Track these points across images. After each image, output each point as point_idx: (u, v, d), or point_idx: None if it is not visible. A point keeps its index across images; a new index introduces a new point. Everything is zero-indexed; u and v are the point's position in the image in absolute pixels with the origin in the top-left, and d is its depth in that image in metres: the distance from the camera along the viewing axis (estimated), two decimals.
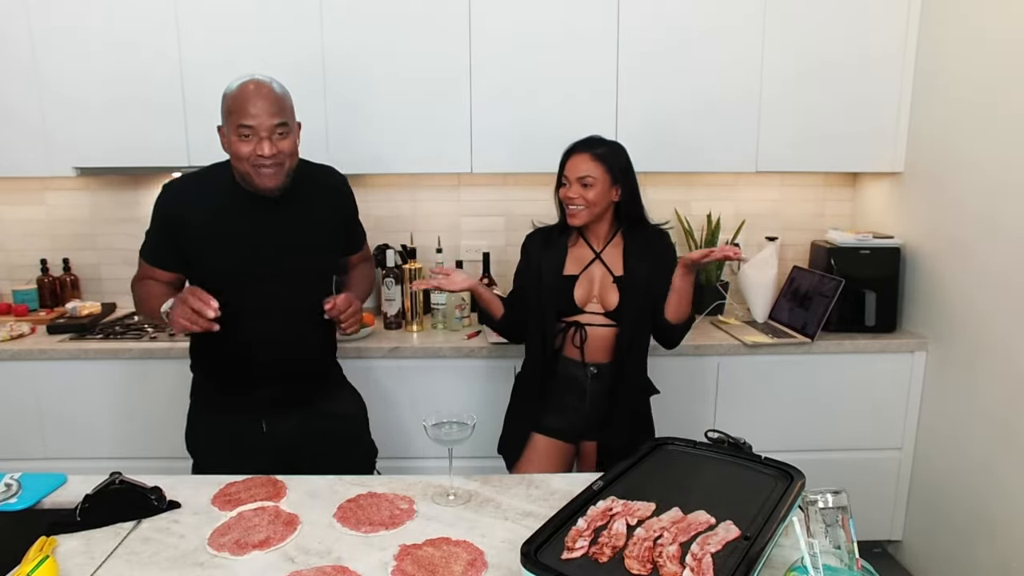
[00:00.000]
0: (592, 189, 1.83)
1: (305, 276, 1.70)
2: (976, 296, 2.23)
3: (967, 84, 2.25)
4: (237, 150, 1.58)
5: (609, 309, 1.89)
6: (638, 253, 1.90)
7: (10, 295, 2.80)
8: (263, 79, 1.60)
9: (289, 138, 1.61)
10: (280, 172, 1.60)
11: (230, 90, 1.60)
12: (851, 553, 1.07)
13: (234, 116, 1.56)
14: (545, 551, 1.09)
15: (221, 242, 1.65)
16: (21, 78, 2.43)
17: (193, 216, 1.65)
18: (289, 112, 1.62)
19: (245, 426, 1.75)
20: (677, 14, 2.44)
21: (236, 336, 1.64)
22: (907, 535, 2.58)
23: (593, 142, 1.88)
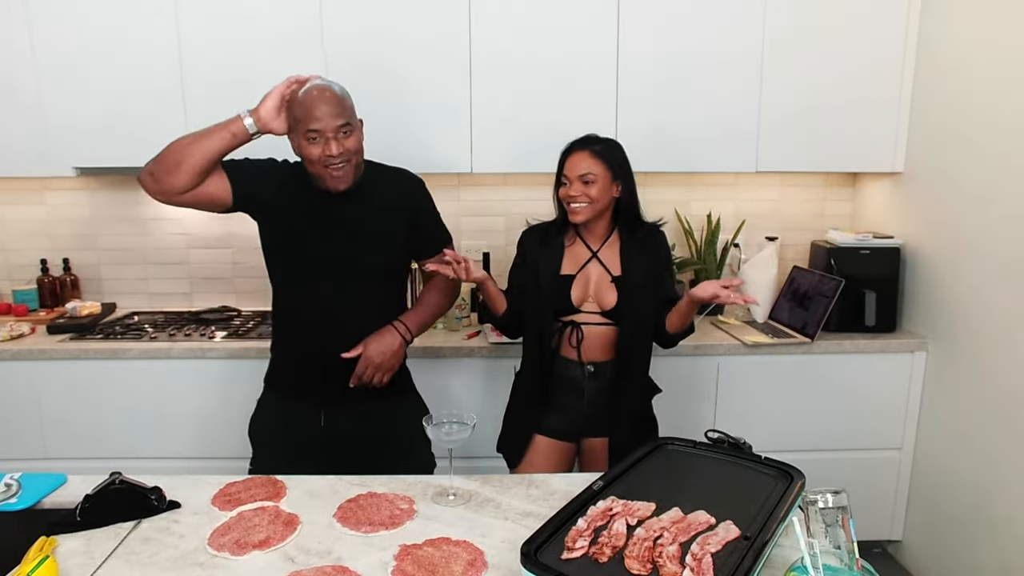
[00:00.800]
0: (594, 186, 1.83)
1: (365, 273, 1.76)
2: (976, 296, 2.23)
3: (967, 84, 2.25)
4: (308, 153, 1.65)
5: (606, 309, 1.89)
6: (635, 252, 1.90)
7: (10, 295, 2.80)
8: (323, 84, 1.66)
9: (353, 136, 1.68)
10: (349, 169, 1.68)
11: (295, 97, 1.65)
12: (851, 553, 1.07)
13: (302, 123, 1.63)
14: (545, 551, 1.09)
15: (289, 230, 1.73)
16: (21, 78, 2.43)
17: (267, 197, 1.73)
18: (350, 111, 1.69)
19: (305, 417, 1.80)
20: (677, 13, 2.45)
21: (302, 324, 1.77)
22: (907, 535, 2.58)
23: (591, 139, 1.88)
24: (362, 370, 1.74)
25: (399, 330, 1.79)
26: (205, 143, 1.59)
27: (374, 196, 1.79)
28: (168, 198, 1.63)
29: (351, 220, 1.75)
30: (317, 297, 1.75)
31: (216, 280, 2.91)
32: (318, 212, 1.73)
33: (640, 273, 1.88)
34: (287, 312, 1.82)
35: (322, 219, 1.73)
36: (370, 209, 1.77)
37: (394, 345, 1.77)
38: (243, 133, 1.60)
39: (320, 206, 1.73)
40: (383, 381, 1.78)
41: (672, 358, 2.42)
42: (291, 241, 1.74)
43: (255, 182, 1.71)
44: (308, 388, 1.79)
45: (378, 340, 1.75)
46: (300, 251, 1.74)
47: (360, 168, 1.75)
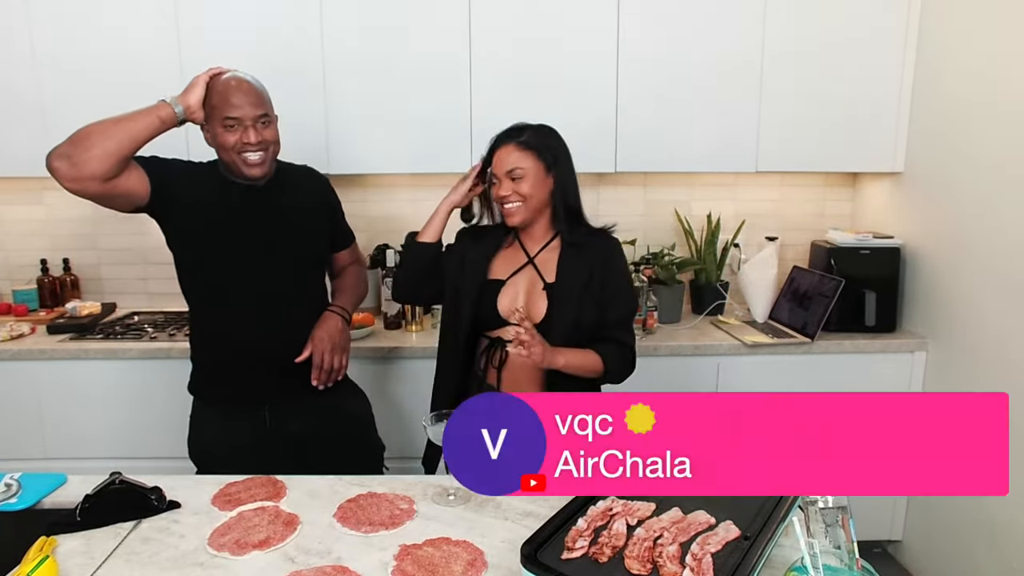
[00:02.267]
0: (524, 181, 1.63)
1: (295, 262, 1.76)
2: (976, 296, 2.23)
3: (967, 84, 2.25)
4: (224, 141, 1.64)
5: (535, 321, 1.62)
6: (575, 258, 1.67)
7: (10, 295, 2.80)
8: (241, 75, 1.67)
9: (271, 127, 1.69)
10: (265, 158, 1.68)
11: (211, 84, 1.65)
12: (851, 553, 1.07)
13: (218, 110, 1.63)
14: (545, 551, 1.09)
15: (210, 225, 1.70)
16: (21, 78, 2.43)
17: (184, 193, 1.68)
18: (268, 104, 1.70)
19: (248, 421, 1.77)
20: (677, 13, 2.44)
21: (232, 321, 1.73)
22: (907, 535, 2.58)
23: (518, 129, 1.69)
24: (319, 359, 1.72)
25: (336, 311, 1.80)
26: (130, 126, 1.53)
27: (292, 190, 1.79)
28: (83, 185, 1.53)
29: (276, 213, 1.74)
30: (247, 294, 1.72)
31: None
32: (240, 207, 1.71)
33: (576, 282, 1.64)
34: (214, 314, 1.76)
35: (246, 213, 1.71)
36: (291, 202, 1.77)
37: (338, 324, 1.78)
38: (171, 119, 1.59)
39: (242, 201, 1.71)
40: (343, 364, 1.77)
41: (672, 358, 2.42)
42: (214, 238, 1.70)
43: (172, 178, 1.67)
44: (248, 390, 1.75)
45: (321, 326, 1.76)
46: (226, 248, 1.70)
47: (275, 160, 1.74)
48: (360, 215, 2.14)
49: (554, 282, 1.66)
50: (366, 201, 2.84)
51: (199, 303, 1.79)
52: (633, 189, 2.89)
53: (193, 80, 1.64)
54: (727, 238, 2.85)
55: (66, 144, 1.53)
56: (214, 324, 1.77)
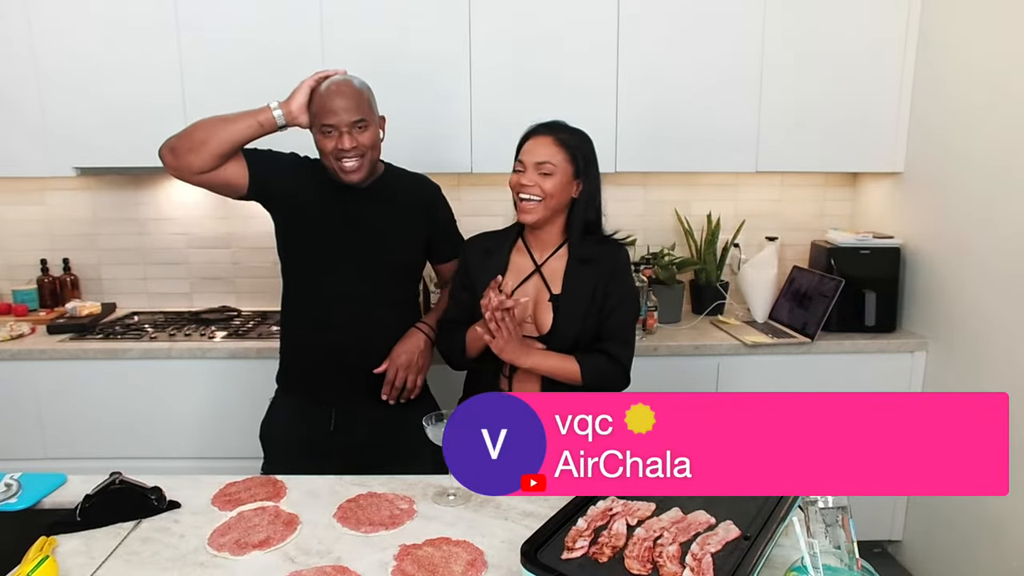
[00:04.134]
0: (551, 179, 1.57)
1: (382, 267, 1.76)
2: (976, 296, 2.23)
3: (967, 84, 2.25)
4: (323, 147, 1.68)
5: (541, 332, 1.62)
6: (582, 269, 1.62)
7: (10, 295, 2.80)
8: (343, 79, 1.68)
9: (368, 131, 1.68)
10: (363, 164, 1.68)
11: (318, 92, 1.68)
12: (851, 553, 1.07)
13: (318, 117, 1.65)
14: (545, 551, 1.09)
15: (306, 221, 1.73)
16: (21, 78, 2.43)
17: (284, 188, 1.73)
18: (367, 108, 1.68)
19: (315, 420, 1.78)
20: (677, 14, 2.44)
21: (315, 318, 1.75)
22: (907, 535, 2.58)
23: (559, 126, 1.64)
24: (392, 375, 1.72)
25: (423, 330, 1.79)
26: (231, 128, 1.62)
27: (394, 195, 1.79)
28: (184, 176, 1.65)
29: (371, 217, 1.75)
30: (333, 293, 1.74)
31: (216, 280, 2.91)
32: (337, 208, 1.73)
33: (583, 294, 1.61)
34: (301, 308, 1.80)
35: (341, 214, 1.73)
36: (389, 207, 1.77)
37: (420, 344, 1.77)
38: (271, 124, 1.63)
39: (339, 202, 1.73)
40: (416, 384, 1.77)
41: (672, 358, 2.42)
42: (309, 235, 1.74)
43: (273, 173, 1.72)
44: (320, 389, 1.77)
45: (403, 343, 1.76)
46: (318, 246, 1.74)
47: (376, 165, 1.76)
48: None
49: (560, 294, 1.63)
50: None
51: (291, 295, 1.81)
52: (633, 189, 2.89)
53: (299, 85, 1.66)
54: (727, 238, 2.85)
55: (175, 137, 1.65)
56: (299, 318, 1.79)
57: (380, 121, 1.76)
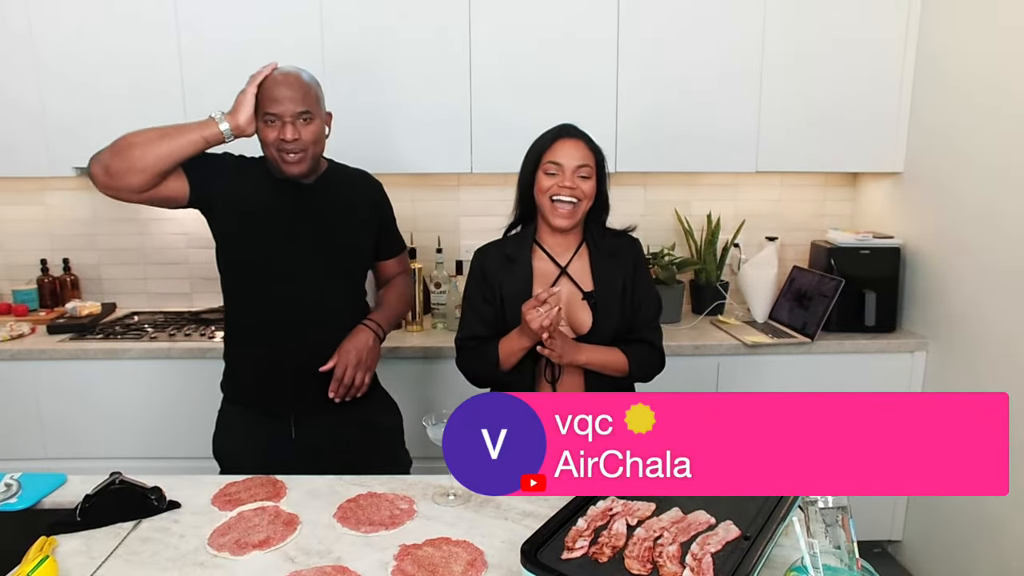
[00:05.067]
0: (589, 181, 1.60)
1: (331, 267, 1.72)
2: (976, 296, 2.23)
3: (967, 84, 2.25)
4: (264, 136, 1.62)
5: (580, 332, 1.63)
6: (608, 264, 1.66)
7: (10, 295, 2.80)
8: (292, 68, 1.64)
9: (313, 125, 1.63)
10: (305, 158, 1.63)
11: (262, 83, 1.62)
12: (851, 553, 1.07)
13: (262, 104, 1.60)
14: (545, 551, 1.09)
15: (247, 221, 1.66)
16: (21, 78, 2.43)
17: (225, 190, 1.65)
18: (314, 101, 1.63)
19: (272, 430, 1.73)
20: (677, 14, 2.45)
21: (261, 322, 1.69)
22: (907, 535, 2.58)
23: (579, 129, 1.66)
24: (341, 372, 1.66)
25: (370, 327, 1.74)
26: (173, 144, 1.53)
27: (340, 192, 1.74)
28: (120, 195, 1.55)
29: (320, 215, 1.70)
30: (278, 295, 1.68)
31: (216, 280, 2.87)
32: (284, 207, 1.68)
33: (615, 287, 1.65)
34: (245, 313, 1.72)
35: (289, 214, 1.68)
36: (337, 205, 1.73)
37: (368, 341, 1.71)
38: (217, 139, 1.57)
39: (286, 201, 1.68)
40: (364, 381, 1.71)
41: (672, 358, 2.39)
42: (257, 239, 1.67)
43: (214, 181, 1.64)
44: (273, 397, 1.71)
45: (350, 340, 1.70)
46: (267, 249, 1.67)
47: (319, 162, 1.70)
48: None
49: (594, 291, 1.65)
50: None
51: (233, 299, 1.75)
52: (633, 189, 2.89)
53: (240, 96, 1.58)
54: (727, 238, 2.85)
55: (107, 152, 1.53)
56: (249, 326, 1.72)
57: (327, 117, 1.71)
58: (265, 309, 1.69)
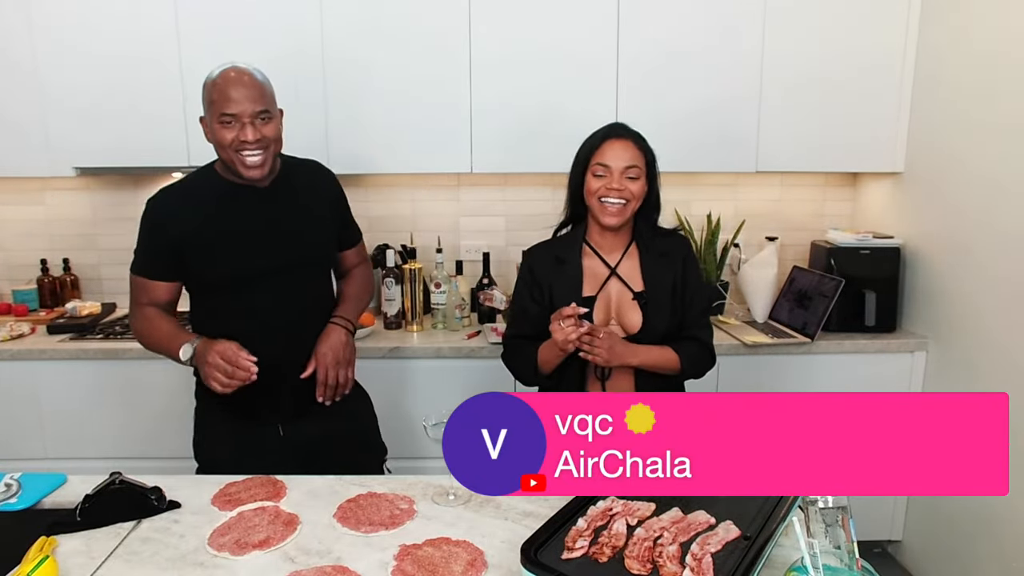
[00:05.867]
0: (638, 183, 1.60)
1: (305, 267, 1.70)
2: (976, 296, 2.23)
3: (967, 84, 2.25)
4: (221, 138, 1.56)
5: (632, 332, 1.64)
6: (658, 264, 1.67)
7: (10, 295, 2.80)
8: (243, 67, 1.59)
9: (272, 123, 1.60)
10: (266, 157, 1.59)
11: (210, 79, 1.58)
12: (851, 553, 1.07)
13: (216, 105, 1.55)
14: (545, 551, 1.09)
15: (215, 247, 1.62)
16: (21, 78, 2.43)
17: (182, 226, 1.62)
18: (270, 99, 1.61)
19: (261, 430, 1.70)
20: (678, 16, 2.45)
21: (234, 331, 1.61)
22: (907, 535, 2.58)
23: (629, 128, 1.67)
24: (323, 375, 1.66)
25: (340, 324, 1.73)
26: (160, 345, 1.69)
27: (301, 188, 1.71)
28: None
29: (283, 219, 1.66)
30: (260, 307, 1.64)
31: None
32: (245, 216, 1.64)
33: (665, 288, 1.66)
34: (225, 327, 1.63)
35: (248, 217, 1.64)
36: (298, 205, 1.69)
37: (342, 338, 1.70)
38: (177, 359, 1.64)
39: (246, 210, 1.64)
40: (348, 378, 1.71)
41: None
42: (223, 255, 1.63)
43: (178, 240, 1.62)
44: (263, 408, 1.68)
45: (324, 341, 1.68)
46: (235, 262, 1.63)
47: (276, 158, 1.66)
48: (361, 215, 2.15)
49: (644, 291, 1.65)
50: (367, 201, 2.84)
51: (210, 317, 1.69)
52: None
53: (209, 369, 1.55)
54: (727, 238, 2.85)
55: (135, 332, 1.81)
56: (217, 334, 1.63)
57: (279, 114, 1.66)
58: (239, 322, 1.64)
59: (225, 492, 1.43)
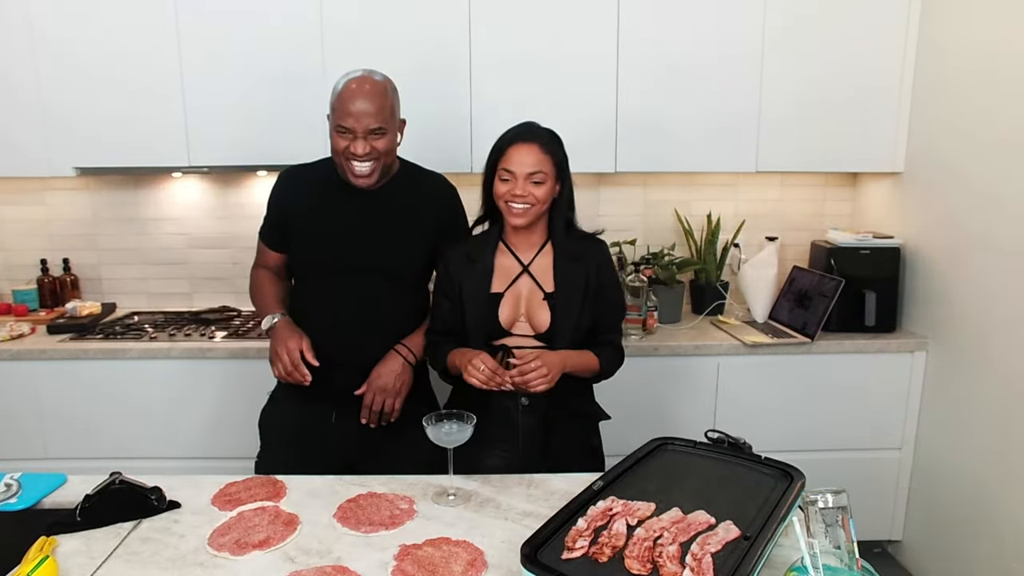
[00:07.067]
0: (542, 187, 1.62)
1: (388, 274, 1.75)
2: (976, 296, 2.23)
3: (967, 84, 2.25)
4: (335, 144, 1.66)
5: (540, 331, 1.66)
6: (571, 266, 1.69)
7: (10, 295, 2.80)
8: (373, 76, 1.67)
9: (385, 138, 1.66)
10: (375, 169, 1.67)
11: (339, 84, 1.67)
12: (851, 553, 1.07)
13: (336, 113, 1.64)
14: (545, 551, 1.09)
15: (313, 234, 1.75)
16: (21, 78, 2.43)
17: (293, 207, 1.77)
18: (389, 114, 1.66)
19: (316, 415, 1.77)
20: (678, 14, 2.44)
21: (315, 319, 1.74)
22: (907, 535, 2.58)
23: (537, 131, 1.66)
24: (370, 399, 1.71)
25: (401, 353, 1.75)
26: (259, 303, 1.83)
27: (405, 197, 1.77)
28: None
29: (377, 219, 1.74)
30: (337, 296, 1.74)
31: (216, 280, 2.91)
32: (343, 210, 1.74)
33: (576, 289, 1.68)
34: (307, 310, 1.78)
35: (347, 217, 1.73)
36: (397, 210, 1.75)
37: (397, 368, 1.72)
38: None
39: (346, 204, 1.73)
40: (395, 407, 1.72)
41: (672, 358, 2.42)
42: (315, 239, 1.75)
43: (290, 218, 1.78)
44: (323, 388, 1.72)
45: (382, 365, 1.73)
46: (322, 249, 1.75)
47: (390, 169, 1.74)
48: None
49: (554, 292, 1.68)
50: None
51: (300, 296, 1.83)
52: (633, 189, 2.89)
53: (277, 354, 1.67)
54: (727, 238, 2.85)
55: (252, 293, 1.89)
56: (307, 319, 1.75)
57: (400, 124, 1.73)
58: (321, 304, 1.76)
59: (225, 492, 1.43)
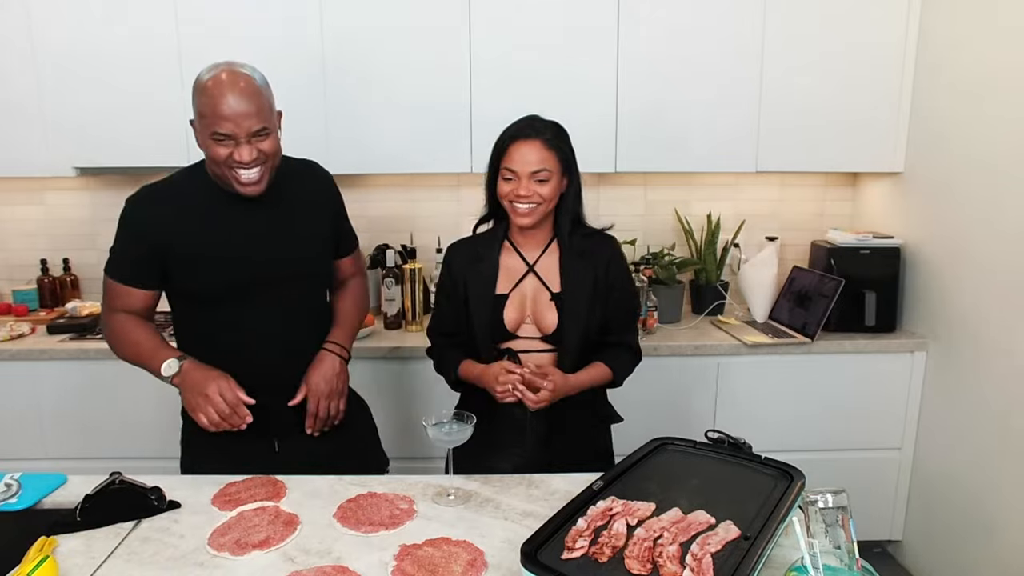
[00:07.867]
0: (547, 184, 1.54)
1: (299, 279, 1.60)
2: (976, 296, 2.23)
3: (967, 84, 2.25)
4: (214, 153, 1.41)
5: (547, 332, 1.61)
6: (578, 264, 1.62)
7: (10, 295, 2.80)
8: (237, 69, 1.41)
9: (270, 138, 1.44)
10: (264, 173, 1.45)
11: (200, 82, 1.40)
12: (851, 553, 1.07)
13: (208, 121, 1.39)
14: (545, 551, 1.09)
15: (202, 258, 1.50)
16: (21, 78, 2.43)
17: (165, 234, 1.48)
18: (267, 111, 1.43)
19: (254, 446, 1.59)
20: (678, 14, 2.45)
21: (231, 351, 1.53)
22: (907, 535, 2.58)
23: (540, 126, 1.57)
24: (314, 407, 1.57)
25: (333, 351, 1.62)
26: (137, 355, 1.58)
27: (294, 195, 1.58)
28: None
29: (279, 223, 1.54)
30: (258, 315, 1.54)
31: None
32: (239, 224, 1.50)
33: (584, 289, 1.61)
34: (215, 340, 1.55)
35: (247, 231, 1.51)
36: (294, 207, 1.57)
37: (335, 367, 1.60)
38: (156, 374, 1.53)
39: (240, 217, 1.50)
40: (339, 409, 1.62)
41: (672, 358, 2.42)
42: (218, 265, 1.50)
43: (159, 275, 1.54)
44: (254, 421, 1.50)
45: (317, 370, 1.58)
46: (232, 271, 1.50)
47: (274, 172, 1.50)
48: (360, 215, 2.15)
49: (561, 292, 1.61)
50: (367, 201, 2.84)
51: (198, 335, 1.59)
52: (633, 189, 2.89)
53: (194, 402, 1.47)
54: (727, 238, 2.85)
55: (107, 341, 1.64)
56: (215, 359, 1.52)
57: (278, 118, 1.50)
58: (230, 339, 1.55)
59: (225, 492, 1.43)
